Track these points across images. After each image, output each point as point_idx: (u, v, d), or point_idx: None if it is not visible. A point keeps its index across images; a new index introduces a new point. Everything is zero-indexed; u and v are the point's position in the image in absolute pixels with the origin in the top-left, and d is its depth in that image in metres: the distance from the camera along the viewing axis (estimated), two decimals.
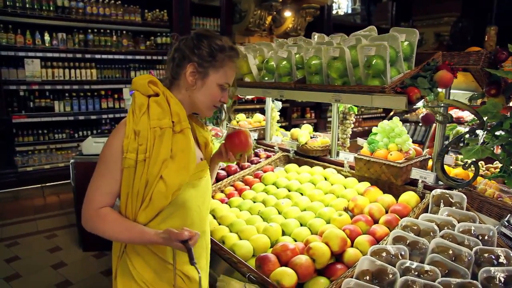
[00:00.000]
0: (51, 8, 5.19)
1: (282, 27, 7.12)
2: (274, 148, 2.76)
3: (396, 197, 1.87)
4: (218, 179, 2.43)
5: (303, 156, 2.54)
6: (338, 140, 2.58)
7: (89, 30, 5.53)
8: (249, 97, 3.90)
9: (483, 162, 2.65)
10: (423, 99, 1.58)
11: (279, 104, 3.04)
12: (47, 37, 5.24)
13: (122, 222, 1.22)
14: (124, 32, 5.83)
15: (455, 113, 3.84)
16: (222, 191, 2.35)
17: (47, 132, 5.35)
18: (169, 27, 6.16)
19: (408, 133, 5.21)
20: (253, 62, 2.32)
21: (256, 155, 2.75)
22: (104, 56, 5.59)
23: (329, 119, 8.82)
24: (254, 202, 2.11)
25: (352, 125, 2.49)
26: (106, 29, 5.65)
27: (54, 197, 4.98)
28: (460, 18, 9.29)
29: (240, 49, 2.60)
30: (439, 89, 1.62)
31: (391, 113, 6.08)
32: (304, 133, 2.56)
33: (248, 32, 6.74)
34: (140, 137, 1.19)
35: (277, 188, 2.23)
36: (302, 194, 2.11)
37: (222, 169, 2.53)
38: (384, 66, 1.56)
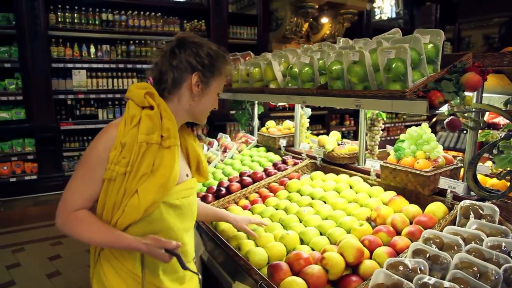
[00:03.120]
0: (97, 22, 5.51)
1: (319, 33, 7.06)
2: (302, 155, 2.72)
3: (423, 207, 1.77)
4: (244, 185, 2.43)
5: (330, 163, 2.49)
6: (367, 148, 2.49)
7: (131, 42, 5.80)
8: (282, 103, 3.91)
9: None
10: (447, 104, 1.49)
11: (308, 111, 3.00)
12: (92, 49, 5.56)
13: (100, 225, 1.19)
14: (164, 42, 6.03)
15: (502, 119, 3.58)
16: (246, 198, 2.35)
17: (92, 138, 5.62)
18: (207, 37, 6.30)
19: (451, 141, 4.89)
20: (278, 68, 2.31)
21: (284, 162, 2.72)
22: (144, 66, 5.83)
23: None
24: (277, 209, 2.09)
25: (381, 132, 2.39)
26: (146, 40, 5.90)
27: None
28: None
29: (266, 56, 2.61)
30: (466, 93, 1.51)
31: (434, 119, 5.79)
32: (331, 140, 2.51)
33: (285, 39, 6.74)
34: (125, 150, 1.17)
35: (301, 195, 2.19)
36: (325, 202, 2.06)
37: (248, 175, 2.53)
38: (405, 69, 1.49)
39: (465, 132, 5.08)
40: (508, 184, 1.67)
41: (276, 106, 6.17)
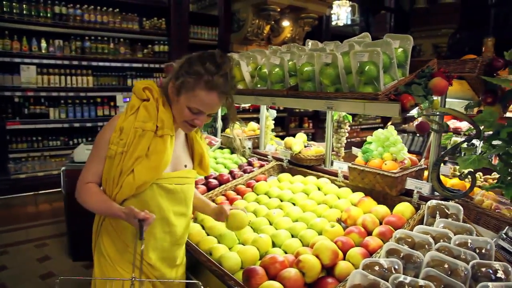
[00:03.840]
0: (49, 15, 5.18)
1: (280, 36, 7.12)
2: (267, 157, 2.70)
3: (391, 208, 1.81)
4: (210, 188, 2.37)
5: (297, 165, 2.49)
6: (333, 150, 2.52)
7: (86, 37, 5.52)
8: (245, 105, 3.89)
9: (481, 173, 2.60)
10: (417, 107, 1.54)
11: (274, 113, 2.99)
12: (43, 43, 5.22)
13: (100, 195, 1.39)
14: (122, 39, 5.82)
15: (452, 123, 3.80)
16: (213, 201, 2.28)
17: (42, 139, 5.29)
18: (167, 36, 6.15)
19: (405, 144, 5.15)
20: (246, 69, 2.28)
21: (250, 164, 2.69)
22: (101, 64, 5.56)
23: None
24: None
25: (347, 134, 2.44)
26: (103, 37, 5.64)
27: (46, 205, 4.91)
28: (458, 30, 9.32)
29: (233, 56, 2.57)
30: (434, 97, 1.57)
31: (389, 123, 6.04)
32: (298, 141, 2.51)
33: (246, 41, 6.73)
34: (123, 133, 1.37)
35: (269, 198, 2.17)
36: (294, 204, 2.05)
37: (214, 178, 2.47)
38: (377, 72, 1.52)
39: (418, 135, 5.33)
40: (469, 185, 1.75)
41: (238, 108, 6.12)
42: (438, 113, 1.70)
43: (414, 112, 1.58)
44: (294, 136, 2.65)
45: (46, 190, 5.13)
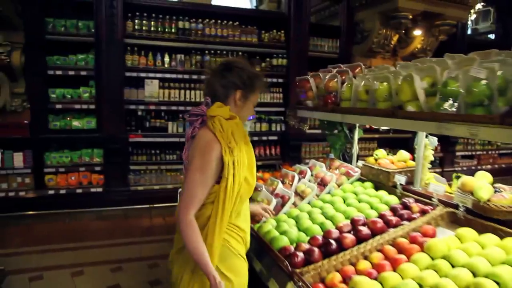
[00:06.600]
0: (173, 30, 5.25)
1: (408, 47, 6.28)
2: (432, 200, 2.06)
3: None
4: (360, 238, 1.82)
5: (481, 217, 1.80)
6: None
7: (206, 51, 5.47)
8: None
9: None
10: None
11: (435, 140, 2.34)
12: (166, 58, 5.30)
13: (202, 241, 1.44)
14: (240, 53, 5.65)
15: None
16: (366, 258, 1.74)
17: (159, 152, 5.34)
18: (286, 48, 5.82)
19: None
20: (420, 85, 1.69)
21: (405, 206, 2.08)
22: None
23: (457, 153, 7.53)
24: (421, 286, 1.46)
25: None
26: (222, 50, 5.54)
27: (159, 219, 4.88)
28: None
29: (392, 69, 2.01)
30: None
31: None
32: (483, 184, 1.83)
33: (371, 53, 6.05)
34: (234, 151, 1.49)
35: (452, 266, 1.53)
36: (498, 283, 1.39)
37: (363, 224, 1.92)
38: None
39: None
40: None
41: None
42: None
43: None
44: None
45: (160, 204, 5.13)
